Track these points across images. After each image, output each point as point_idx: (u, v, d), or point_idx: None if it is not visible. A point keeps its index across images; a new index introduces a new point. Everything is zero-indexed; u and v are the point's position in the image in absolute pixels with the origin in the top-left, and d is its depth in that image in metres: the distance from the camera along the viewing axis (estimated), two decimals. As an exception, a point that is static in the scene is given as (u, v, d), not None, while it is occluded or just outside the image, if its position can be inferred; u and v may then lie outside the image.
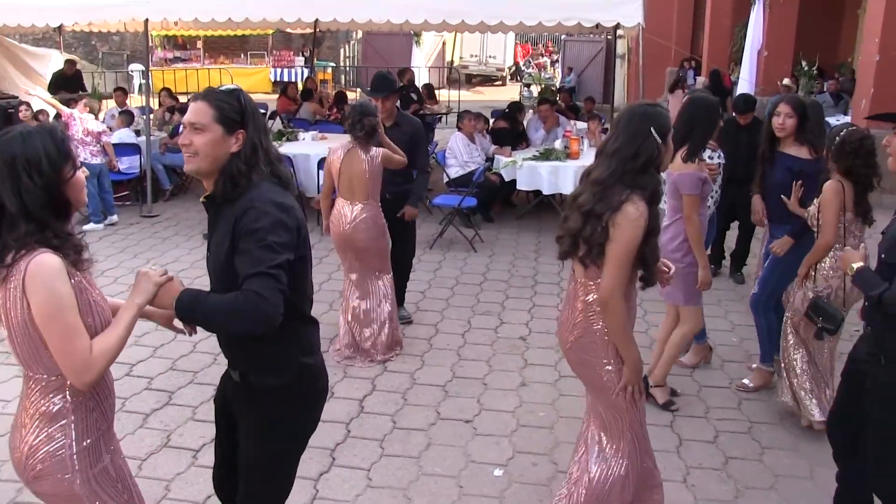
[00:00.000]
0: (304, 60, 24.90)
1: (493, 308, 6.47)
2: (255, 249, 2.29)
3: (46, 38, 18.74)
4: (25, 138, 2.17)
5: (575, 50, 25.13)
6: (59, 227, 2.20)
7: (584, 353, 3.09)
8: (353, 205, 5.23)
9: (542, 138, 10.16)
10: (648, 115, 2.94)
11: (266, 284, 2.25)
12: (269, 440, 2.63)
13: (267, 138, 2.52)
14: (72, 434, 2.26)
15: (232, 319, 2.28)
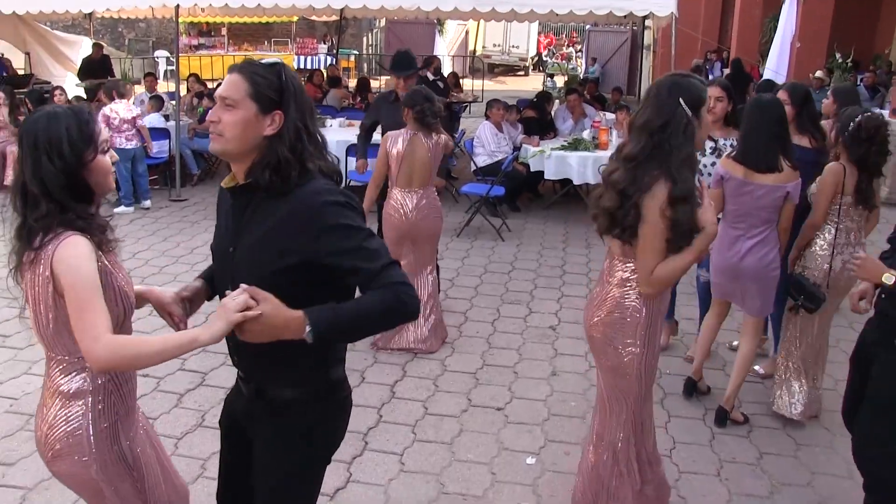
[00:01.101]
0: (328, 48, 24.93)
1: (522, 297, 6.46)
2: (365, 243, 2.05)
3: (76, 25, 18.87)
4: (50, 119, 2.16)
5: (599, 40, 25.01)
6: (81, 210, 2.18)
7: (609, 330, 3.06)
8: (413, 192, 5.19)
9: (569, 128, 10.13)
10: (678, 86, 2.84)
11: (400, 273, 2.07)
12: (291, 458, 2.33)
13: (315, 123, 2.20)
14: (89, 415, 2.25)
15: (385, 320, 2.09)
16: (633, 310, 2.99)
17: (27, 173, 2.14)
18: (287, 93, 2.10)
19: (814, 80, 12.46)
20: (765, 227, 4.18)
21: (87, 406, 2.24)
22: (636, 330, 3.01)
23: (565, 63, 27.11)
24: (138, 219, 8.79)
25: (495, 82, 25.73)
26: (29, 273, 2.15)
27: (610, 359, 3.10)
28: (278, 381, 2.26)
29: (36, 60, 13.76)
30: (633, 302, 2.99)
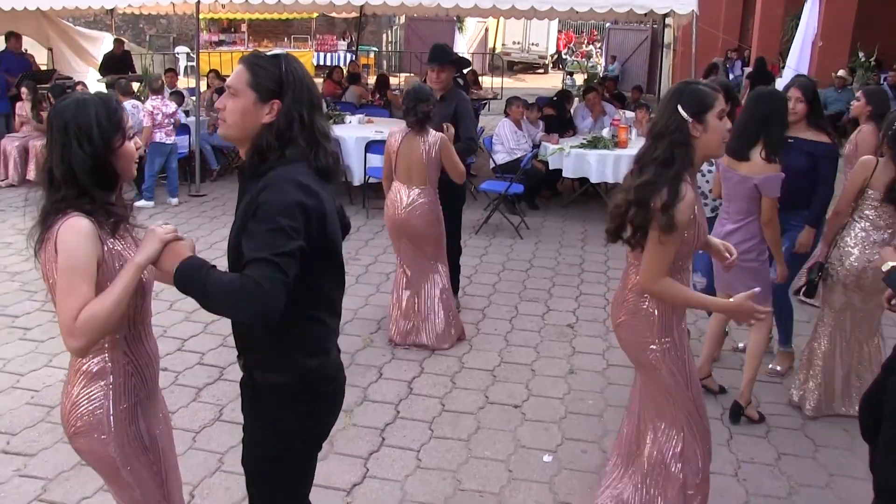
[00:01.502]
0: (347, 45, 24.97)
1: (540, 295, 6.45)
2: (265, 232, 2.05)
3: (97, 21, 18.99)
4: (80, 105, 2.22)
5: (619, 38, 24.90)
6: (100, 196, 2.23)
7: (631, 332, 3.12)
8: (409, 189, 5.18)
9: (589, 126, 10.10)
10: (677, 92, 2.89)
11: (267, 273, 2.00)
12: (265, 442, 2.41)
13: (314, 114, 2.23)
14: (110, 395, 2.31)
15: (226, 305, 2.08)
16: (646, 312, 3.04)
17: (54, 158, 2.20)
18: (286, 84, 2.17)
19: (836, 79, 12.35)
20: (744, 216, 4.29)
21: (109, 386, 2.32)
22: (653, 329, 3.04)
23: (585, 61, 26.98)
24: (158, 214, 8.84)
25: (514, 80, 25.68)
26: (42, 253, 2.22)
27: (637, 356, 3.16)
28: (260, 363, 2.35)
29: (58, 56, 13.85)
30: (645, 304, 3.04)
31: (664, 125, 2.85)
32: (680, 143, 2.82)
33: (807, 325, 5.76)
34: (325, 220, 2.19)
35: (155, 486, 2.46)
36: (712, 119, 2.84)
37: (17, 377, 4.79)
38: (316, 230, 2.15)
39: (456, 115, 5.66)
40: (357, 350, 5.28)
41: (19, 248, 7.32)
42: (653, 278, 2.90)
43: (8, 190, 9.79)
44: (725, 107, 2.89)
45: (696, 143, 2.85)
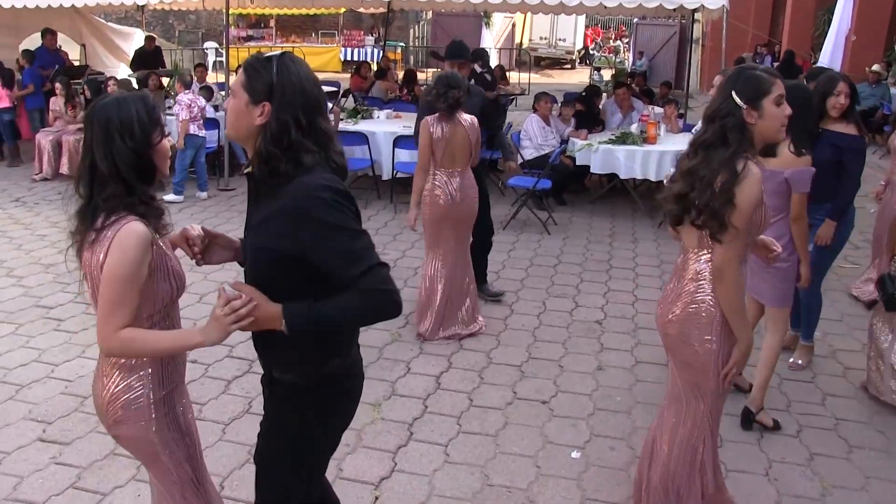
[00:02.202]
0: (374, 40, 25.02)
1: (568, 291, 6.43)
2: (348, 244, 2.07)
3: (128, 17, 19.23)
4: (120, 103, 2.28)
5: (647, 34, 24.73)
6: (144, 191, 2.29)
7: (685, 327, 2.99)
8: (454, 172, 5.25)
9: (618, 122, 10.03)
10: (732, 77, 2.86)
11: (385, 276, 2.09)
12: (283, 440, 2.42)
13: (314, 116, 2.16)
14: (149, 384, 2.39)
15: (363, 320, 2.21)
16: (708, 304, 2.93)
17: (99, 154, 2.25)
18: (275, 86, 2.11)
19: (870, 74, 12.15)
20: (776, 213, 4.10)
21: (147, 376, 2.39)
22: (712, 325, 2.94)
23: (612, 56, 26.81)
24: (187, 207, 8.93)
25: (541, 75, 25.59)
26: (87, 252, 2.26)
27: (686, 355, 3.03)
28: (279, 363, 2.35)
29: (91, 52, 14.03)
30: (708, 296, 2.93)
31: (716, 109, 2.83)
32: (733, 127, 2.78)
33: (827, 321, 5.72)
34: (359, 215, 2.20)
35: (191, 468, 2.55)
36: (769, 105, 2.79)
37: (51, 367, 4.87)
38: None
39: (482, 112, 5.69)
40: (385, 345, 5.29)
41: (53, 240, 7.43)
42: (729, 264, 2.81)
43: (42, 183, 9.93)
44: (783, 91, 2.83)
45: (754, 130, 2.80)
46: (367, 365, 4.79)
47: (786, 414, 4.46)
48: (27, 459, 3.90)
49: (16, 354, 5.07)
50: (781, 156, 4.00)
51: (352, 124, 9.58)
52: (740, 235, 2.79)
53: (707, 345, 2.95)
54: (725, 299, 2.87)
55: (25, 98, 11.01)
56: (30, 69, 11.04)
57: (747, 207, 2.75)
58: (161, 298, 2.34)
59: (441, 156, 5.21)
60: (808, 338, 5.05)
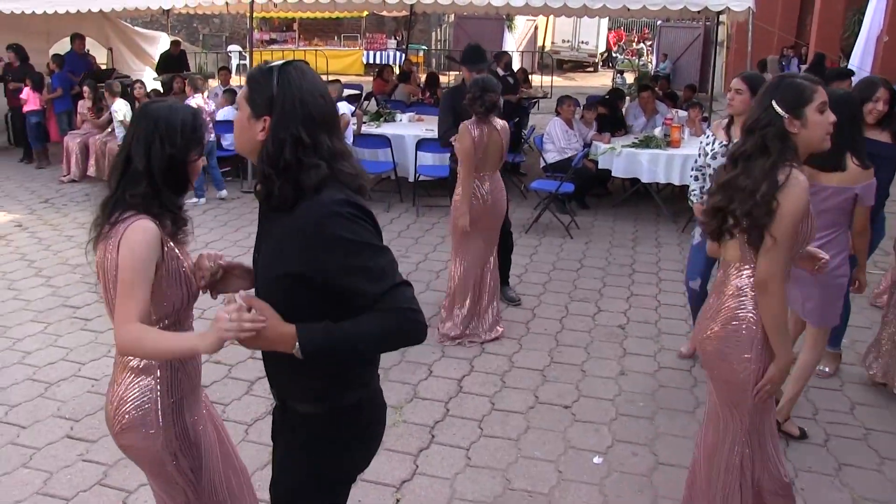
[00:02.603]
0: (396, 43, 25.08)
1: (591, 295, 6.41)
2: (370, 261, 1.93)
3: (154, 21, 19.38)
4: (172, 110, 2.33)
5: (671, 36, 24.57)
6: (170, 197, 2.32)
7: (724, 344, 2.88)
8: (485, 177, 5.28)
9: (641, 126, 9.99)
10: (772, 86, 2.78)
11: (410, 296, 1.95)
12: (297, 473, 2.30)
13: (319, 132, 2.00)
14: (157, 389, 2.36)
15: (384, 345, 2.04)
16: (749, 321, 2.82)
17: (137, 151, 2.28)
18: (275, 99, 1.98)
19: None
20: (831, 230, 3.98)
21: (156, 381, 2.37)
22: (752, 343, 2.82)
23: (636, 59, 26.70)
24: (211, 209, 9.01)
25: (564, 78, 25.51)
26: (101, 247, 2.29)
27: (724, 373, 2.91)
28: (294, 393, 2.22)
29: (117, 56, 14.19)
30: (749, 313, 2.82)
31: (755, 120, 2.75)
32: (774, 136, 2.71)
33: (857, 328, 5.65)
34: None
35: (197, 480, 2.49)
36: (811, 113, 2.71)
37: (78, 366, 4.94)
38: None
39: None
40: (407, 347, 5.29)
41: (80, 241, 7.52)
42: (773, 277, 2.71)
43: (69, 185, 10.06)
44: (826, 99, 2.75)
45: (797, 139, 2.73)
46: (388, 367, 4.89)
47: (813, 423, 4.40)
48: (56, 456, 3.97)
49: (44, 353, 5.15)
50: (848, 170, 3.85)
51: (374, 127, 9.62)
52: (783, 247, 2.68)
53: (746, 363, 2.83)
54: (768, 315, 2.76)
55: (54, 101, 11.16)
56: (59, 73, 11.18)
57: (792, 217, 2.65)
58: (172, 303, 2.34)
59: (485, 158, 5.24)
60: (835, 345, 5.00)
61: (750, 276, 2.81)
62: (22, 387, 4.69)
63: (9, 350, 5.19)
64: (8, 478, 3.79)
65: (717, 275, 3.02)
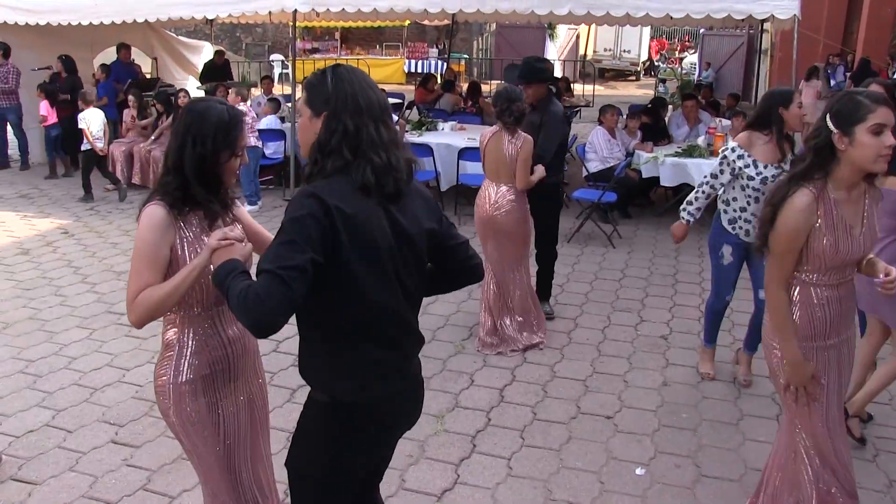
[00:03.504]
0: (438, 52, 25.17)
1: (633, 305, 6.34)
2: (276, 244, 2.03)
3: (197, 31, 19.71)
4: (208, 112, 2.43)
5: (713, 44, 24.34)
6: (200, 192, 2.43)
7: (768, 333, 3.05)
8: (497, 186, 5.26)
9: (684, 135, 9.88)
10: (833, 100, 2.80)
11: (267, 287, 1.95)
12: (294, 453, 2.40)
13: (362, 121, 2.14)
14: (172, 366, 2.52)
15: (236, 311, 2.04)
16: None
17: (173, 145, 2.43)
18: (331, 95, 2.15)
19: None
20: (891, 234, 3.96)
21: (173, 358, 2.53)
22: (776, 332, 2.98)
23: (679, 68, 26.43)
24: (255, 216, 9.04)
25: (606, 87, 25.39)
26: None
27: (768, 362, 3.09)
28: (303, 371, 2.32)
29: (162, 65, 14.42)
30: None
31: (812, 130, 2.81)
32: (816, 148, 2.74)
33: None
34: (357, 231, 2.09)
35: (214, 460, 2.62)
36: (862, 133, 2.67)
37: (122, 372, 5.00)
38: (341, 243, 2.06)
39: (541, 124, 5.62)
40: (449, 356, 5.30)
41: (125, 248, 7.65)
42: (769, 283, 2.91)
43: (115, 193, 10.22)
44: (889, 122, 2.68)
45: (842, 156, 2.72)
46: (430, 376, 4.88)
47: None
48: (101, 460, 4.02)
49: (90, 358, 5.23)
50: None
51: (416, 136, 9.64)
52: (775, 257, 2.85)
53: (775, 349, 3.00)
54: (770, 315, 2.97)
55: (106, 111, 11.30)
56: (105, 83, 11.38)
57: (783, 233, 2.79)
58: (194, 292, 2.45)
59: (486, 166, 5.32)
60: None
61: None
62: (68, 392, 4.77)
63: (55, 355, 5.29)
64: (56, 480, 3.85)
65: None
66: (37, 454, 4.08)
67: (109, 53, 12.72)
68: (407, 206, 2.24)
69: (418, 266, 2.31)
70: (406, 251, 2.23)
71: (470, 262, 2.47)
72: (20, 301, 6.32)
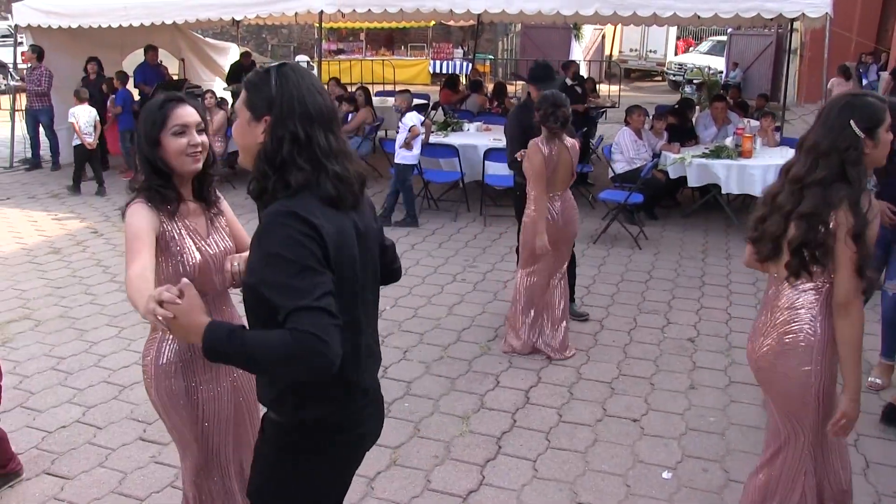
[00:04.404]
0: (463, 53, 25.17)
1: (660, 307, 6.29)
2: (292, 280, 1.83)
3: (224, 32, 19.86)
4: (144, 109, 2.58)
5: (741, 44, 24.08)
6: (156, 181, 2.54)
7: (781, 359, 2.85)
8: (556, 196, 5.19)
9: (712, 135, 9.79)
10: (849, 106, 2.73)
11: (319, 321, 1.80)
12: (260, 472, 2.23)
13: (314, 129, 1.98)
14: (155, 348, 2.65)
15: (282, 366, 1.85)
16: (806, 333, 2.79)
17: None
18: (274, 97, 1.99)
19: None
20: None
21: (157, 340, 2.65)
22: (811, 354, 2.79)
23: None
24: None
25: (632, 88, 25.24)
26: None
27: (783, 387, 2.89)
28: (260, 395, 2.19)
29: (189, 66, 14.55)
30: (805, 325, 2.79)
31: (833, 141, 2.70)
32: (855, 161, 2.67)
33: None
34: (344, 248, 1.98)
35: (193, 439, 2.70)
36: (883, 133, 2.70)
37: (151, 370, 5.04)
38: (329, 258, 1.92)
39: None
40: (474, 357, 5.30)
41: (153, 247, 7.71)
42: (856, 294, 2.70)
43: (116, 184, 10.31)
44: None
45: (867, 160, 2.71)
46: (456, 377, 4.89)
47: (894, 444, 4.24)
48: (130, 457, 4.07)
49: (118, 356, 5.29)
50: None
51: (442, 137, 9.65)
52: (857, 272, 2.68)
53: (805, 377, 2.81)
54: (848, 334, 2.72)
55: (118, 119, 11.26)
56: (122, 91, 11.34)
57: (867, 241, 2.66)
58: (173, 279, 2.46)
59: (552, 178, 5.13)
60: (888, 355, 4.85)
61: (807, 290, 2.79)
62: (98, 389, 4.83)
63: (85, 353, 5.36)
64: (87, 476, 3.91)
65: (768, 292, 2.98)
66: (68, 449, 4.15)
67: (137, 55, 12.84)
68: (363, 213, 2.14)
69: (375, 274, 2.22)
70: (368, 261, 2.13)
71: (395, 265, 2.41)
72: (52, 299, 6.41)
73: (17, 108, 12.19)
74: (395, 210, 8.79)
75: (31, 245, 8.00)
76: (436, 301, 6.41)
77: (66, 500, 3.72)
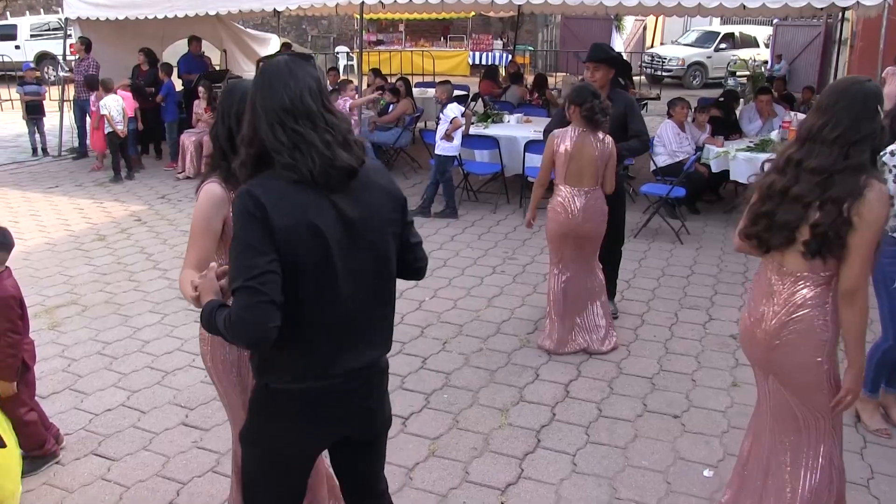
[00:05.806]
0: (503, 44, 25.05)
1: (702, 303, 6.21)
2: (233, 258, 2.06)
3: (265, 23, 20.02)
4: (233, 88, 2.68)
5: (788, 35, 23.60)
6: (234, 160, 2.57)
7: (794, 350, 2.89)
8: (580, 191, 5.02)
9: (756, 129, 9.61)
10: (875, 94, 2.75)
11: (247, 302, 1.99)
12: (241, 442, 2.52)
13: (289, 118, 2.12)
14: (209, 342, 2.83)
15: (230, 339, 2.11)
16: (821, 328, 2.84)
17: (213, 128, 2.70)
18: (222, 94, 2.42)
19: None
20: None
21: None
22: (824, 346, 2.85)
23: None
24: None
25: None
26: None
27: (799, 378, 2.92)
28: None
29: (230, 57, 14.69)
30: (817, 319, 2.84)
31: (870, 129, 2.70)
32: (881, 146, 2.76)
33: None
34: (299, 226, 2.07)
35: (241, 405, 2.81)
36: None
37: (192, 356, 5.11)
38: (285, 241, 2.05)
39: (626, 113, 5.51)
40: (514, 350, 5.28)
41: (196, 236, 7.81)
42: (865, 280, 2.74)
43: (185, 182, 10.47)
44: None
45: None
46: (495, 369, 4.88)
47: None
48: (172, 441, 4.13)
49: (162, 342, 5.37)
50: None
51: (482, 128, 9.62)
52: (869, 258, 2.73)
53: (818, 367, 2.87)
54: (854, 321, 2.78)
55: (163, 111, 11.58)
56: (167, 83, 11.52)
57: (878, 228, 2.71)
58: None
59: (569, 171, 5.01)
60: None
61: (819, 282, 2.81)
62: (142, 374, 4.91)
63: (130, 338, 5.45)
64: (132, 458, 3.99)
65: (767, 281, 2.98)
66: (114, 432, 4.23)
67: (179, 46, 12.99)
68: (361, 199, 2.20)
69: (378, 262, 2.28)
70: (361, 248, 2.20)
71: (417, 264, 2.49)
72: (97, 285, 6.53)
73: (66, 99, 12.41)
74: (434, 201, 8.78)
75: (77, 232, 8.15)
76: (475, 293, 6.39)
77: (114, 480, 3.81)
